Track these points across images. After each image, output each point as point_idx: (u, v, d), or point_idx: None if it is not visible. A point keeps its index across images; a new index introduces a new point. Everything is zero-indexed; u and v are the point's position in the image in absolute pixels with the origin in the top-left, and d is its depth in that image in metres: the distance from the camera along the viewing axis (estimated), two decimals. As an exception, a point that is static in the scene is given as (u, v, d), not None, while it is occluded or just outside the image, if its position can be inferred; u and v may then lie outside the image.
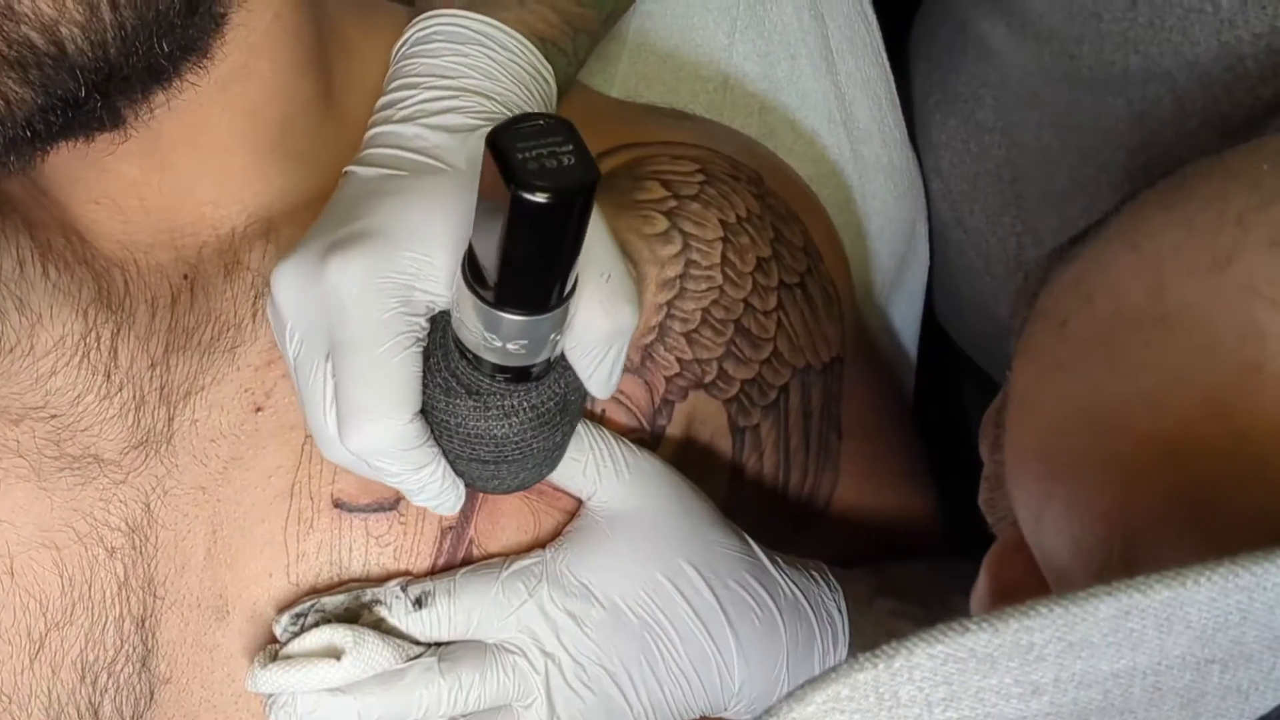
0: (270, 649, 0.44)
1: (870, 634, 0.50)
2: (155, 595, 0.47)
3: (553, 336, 0.38)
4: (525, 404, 0.40)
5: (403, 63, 0.47)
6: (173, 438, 0.47)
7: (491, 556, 0.47)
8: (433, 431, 0.42)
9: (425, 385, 0.41)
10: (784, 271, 0.52)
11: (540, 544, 0.48)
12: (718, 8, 0.65)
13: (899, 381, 0.70)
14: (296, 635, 0.44)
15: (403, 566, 0.46)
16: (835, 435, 0.56)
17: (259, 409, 0.47)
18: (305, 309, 0.41)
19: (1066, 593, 0.23)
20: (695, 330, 0.50)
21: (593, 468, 0.46)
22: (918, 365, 0.75)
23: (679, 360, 0.50)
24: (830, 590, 0.50)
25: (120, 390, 0.47)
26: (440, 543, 0.46)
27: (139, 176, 0.46)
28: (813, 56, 0.66)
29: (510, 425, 0.40)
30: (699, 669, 0.46)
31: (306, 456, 0.46)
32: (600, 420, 0.49)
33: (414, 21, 0.48)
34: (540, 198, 0.32)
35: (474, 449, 0.41)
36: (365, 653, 0.43)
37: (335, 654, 0.43)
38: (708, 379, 0.50)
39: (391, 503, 0.46)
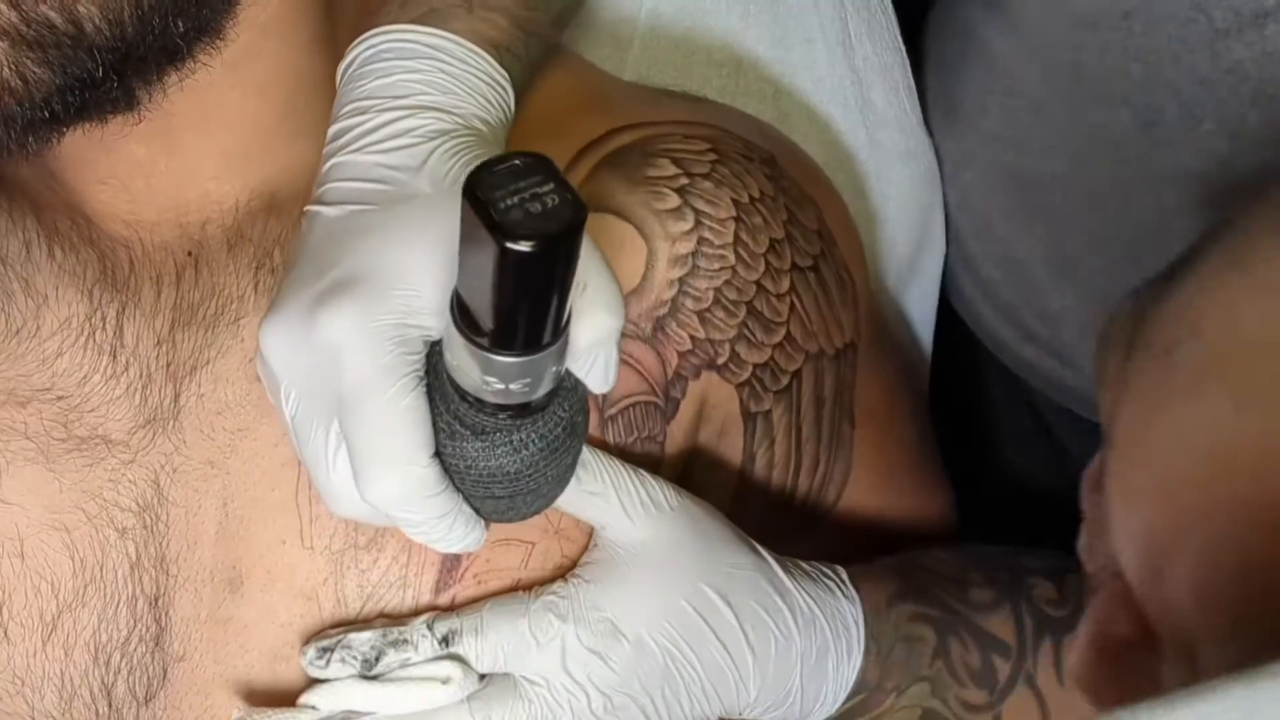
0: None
1: (888, 640, 0.51)
2: (168, 573, 0.46)
3: (553, 369, 0.37)
4: (534, 435, 0.39)
5: (350, 85, 0.45)
6: (180, 414, 0.47)
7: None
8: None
9: None
10: (797, 254, 0.51)
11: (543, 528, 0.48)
12: (731, -8, 0.65)
13: (914, 371, 0.69)
14: (323, 669, 0.45)
15: None
16: (848, 423, 0.55)
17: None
18: (299, 366, 0.40)
19: (1200, 655, 0.21)
20: (708, 309, 0.49)
21: (615, 498, 0.46)
22: (934, 355, 0.74)
23: (691, 338, 0.49)
24: (846, 599, 0.51)
25: (127, 369, 0.46)
26: None
27: (146, 156, 0.46)
28: (829, 41, 0.66)
29: (521, 459, 0.39)
30: (718, 687, 0.47)
31: None
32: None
33: (358, 40, 0.45)
34: (528, 247, 0.30)
35: (487, 487, 0.40)
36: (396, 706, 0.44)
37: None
38: (720, 360, 0.50)
39: None
